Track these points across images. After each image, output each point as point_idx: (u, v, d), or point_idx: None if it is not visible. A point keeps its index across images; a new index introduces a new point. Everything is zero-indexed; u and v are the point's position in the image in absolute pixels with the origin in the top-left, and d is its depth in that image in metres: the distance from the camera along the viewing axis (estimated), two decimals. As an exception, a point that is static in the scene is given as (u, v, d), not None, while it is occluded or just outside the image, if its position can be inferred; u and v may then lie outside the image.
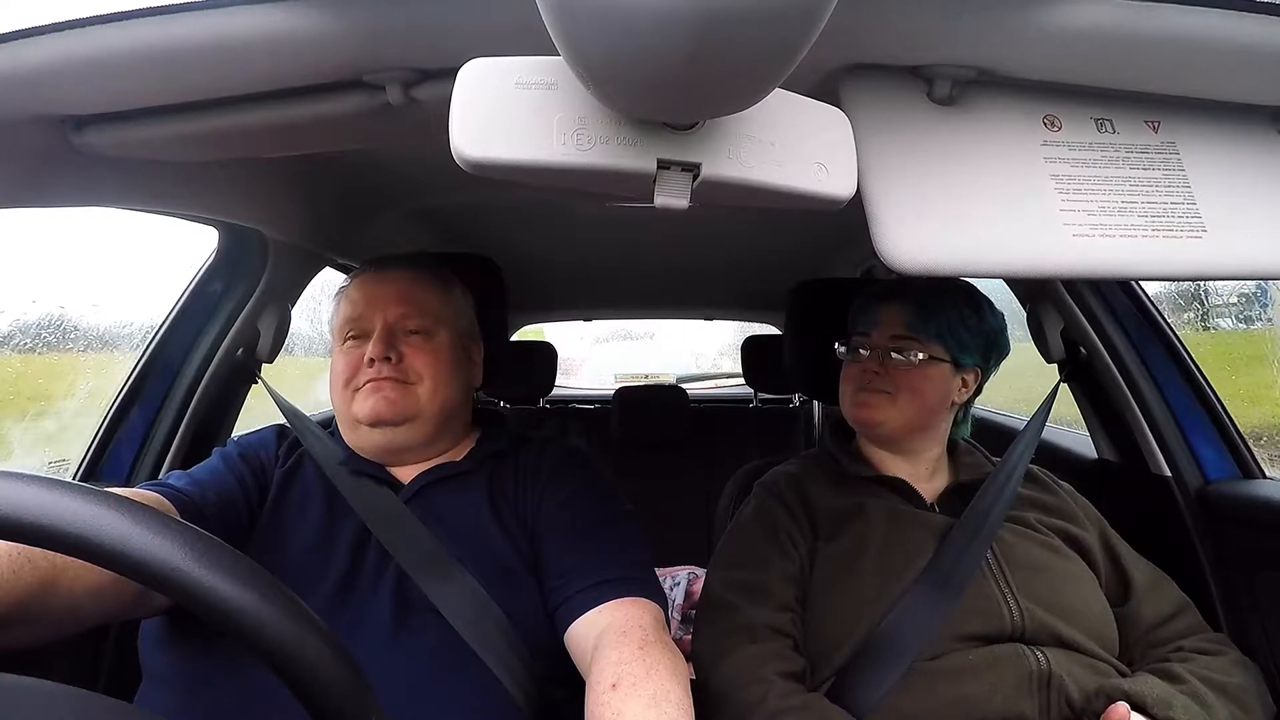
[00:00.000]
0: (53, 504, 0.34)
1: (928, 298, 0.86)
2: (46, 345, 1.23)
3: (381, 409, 0.76)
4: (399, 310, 0.79)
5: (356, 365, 0.78)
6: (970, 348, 0.87)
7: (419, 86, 0.56)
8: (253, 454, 0.79)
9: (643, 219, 1.37)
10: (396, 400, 0.76)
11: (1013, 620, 0.74)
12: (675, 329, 3.55)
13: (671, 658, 0.62)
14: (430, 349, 0.80)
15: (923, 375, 0.85)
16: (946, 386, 0.87)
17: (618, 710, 0.55)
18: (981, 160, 0.56)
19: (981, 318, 0.88)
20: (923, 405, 0.85)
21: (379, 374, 0.76)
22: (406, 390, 0.77)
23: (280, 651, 0.36)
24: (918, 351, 0.85)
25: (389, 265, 0.84)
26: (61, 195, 0.68)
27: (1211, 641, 0.77)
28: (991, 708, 0.68)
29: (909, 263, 0.52)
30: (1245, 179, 0.59)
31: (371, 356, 0.76)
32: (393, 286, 0.81)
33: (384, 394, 0.76)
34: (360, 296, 0.80)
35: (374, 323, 0.78)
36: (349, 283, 0.84)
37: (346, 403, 0.78)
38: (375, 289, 0.81)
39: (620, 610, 0.68)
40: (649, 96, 0.36)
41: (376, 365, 0.76)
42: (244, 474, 0.76)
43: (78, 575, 0.55)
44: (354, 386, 0.78)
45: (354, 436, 0.80)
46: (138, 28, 0.48)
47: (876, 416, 0.86)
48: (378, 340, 0.77)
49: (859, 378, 0.88)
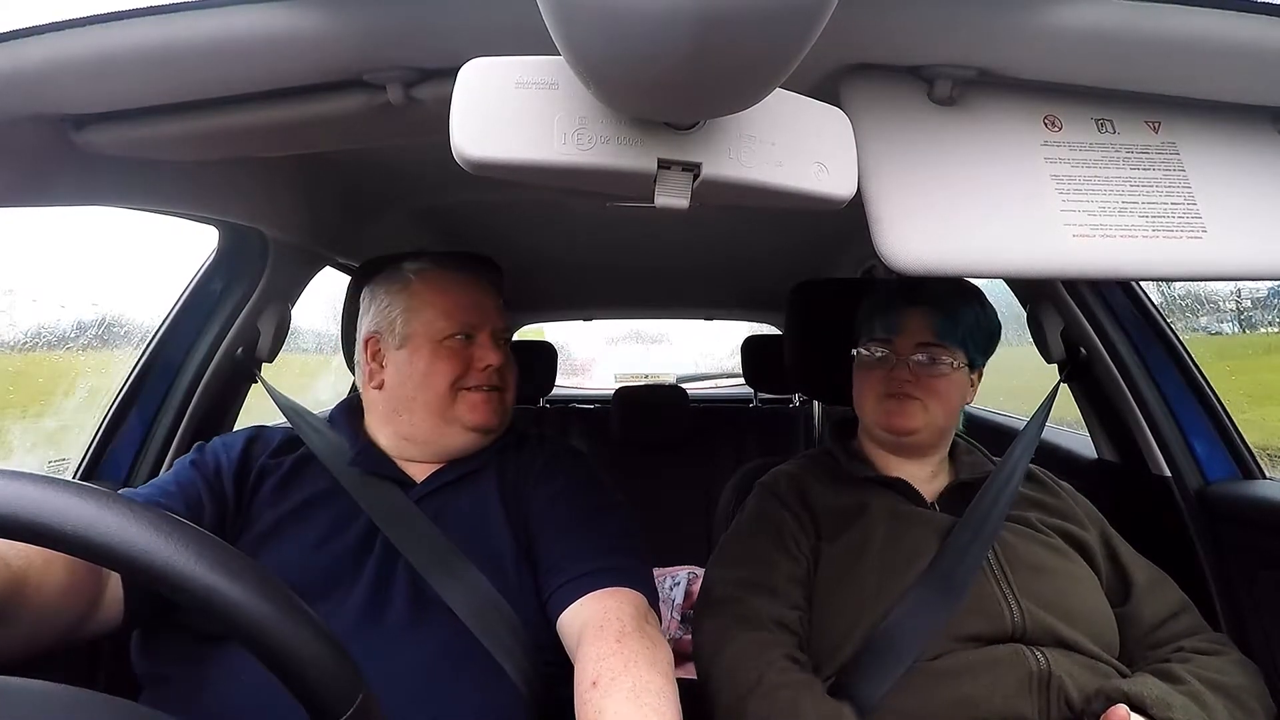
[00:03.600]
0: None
1: (949, 303, 0.85)
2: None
3: (492, 419, 0.82)
4: (502, 319, 0.85)
5: (466, 365, 0.81)
6: (984, 349, 0.87)
7: (419, 86, 0.56)
8: (210, 459, 0.76)
9: (643, 219, 1.37)
10: (500, 410, 0.83)
11: (1013, 621, 0.74)
12: (686, 332, 3.55)
13: (650, 647, 0.62)
14: (509, 355, 0.86)
15: (951, 381, 0.85)
16: (965, 389, 0.87)
17: (599, 708, 0.56)
18: (982, 160, 0.56)
19: (989, 316, 0.88)
20: (951, 410, 0.86)
21: (490, 381, 0.82)
22: (503, 398, 0.84)
23: (248, 627, 0.36)
24: (949, 359, 0.84)
25: (472, 267, 0.87)
26: (62, 195, 0.68)
27: (1211, 641, 0.77)
28: (991, 708, 0.68)
29: (909, 263, 0.52)
30: (1245, 179, 0.59)
31: (490, 364, 0.81)
32: (489, 293, 0.85)
33: (493, 405, 0.82)
34: (469, 300, 0.83)
35: (482, 327, 0.82)
36: (431, 278, 0.83)
37: (447, 403, 0.80)
38: (477, 294, 0.84)
39: (600, 602, 0.68)
40: (649, 96, 0.36)
41: (490, 371, 0.81)
42: (194, 481, 0.73)
43: (43, 575, 0.55)
44: (463, 386, 0.81)
45: (428, 431, 0.80)
46: (138, 27, 0.48)
47: (911, 424, 0.84)
48: (493, 348, 0.82)
49: (885, 384, 0.85)
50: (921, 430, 0.85)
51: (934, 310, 0.85)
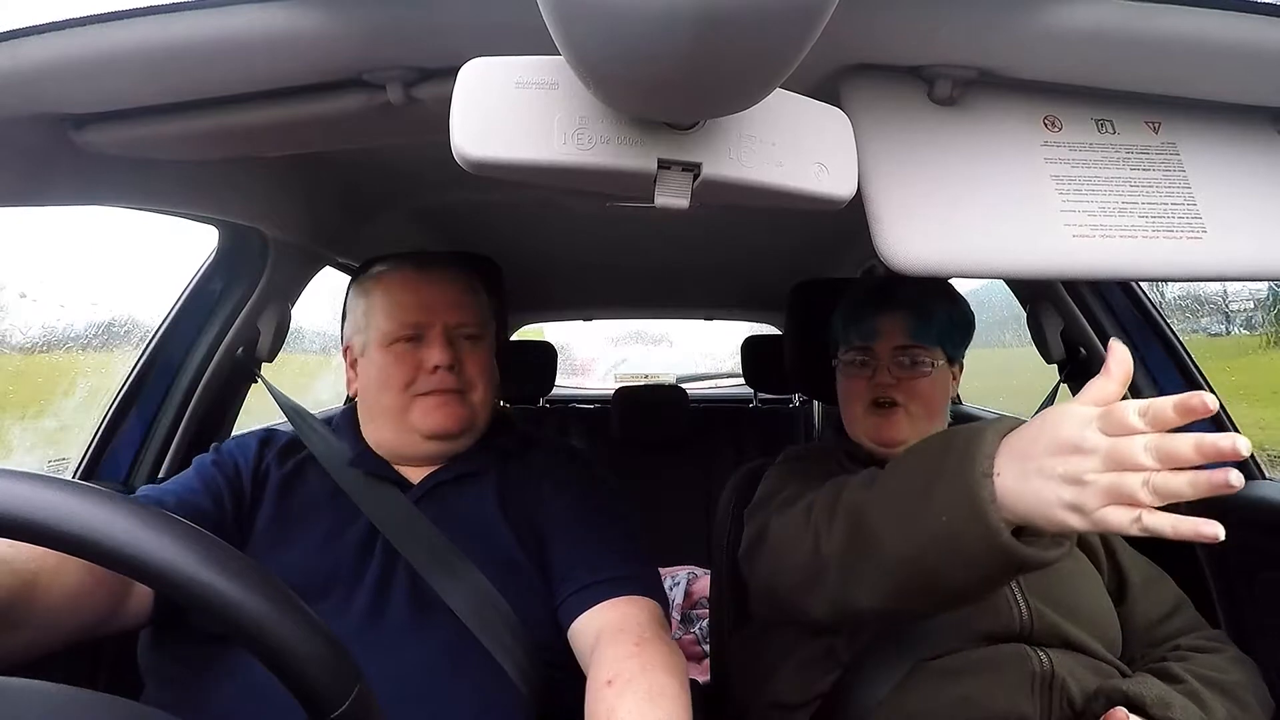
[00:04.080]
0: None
1: (923, 304, 0.86)
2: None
3: (450, 424, 0.76)
4: (456, 315, 0.78)
5: (415, 370, 0.76)
6: (960, 343, 0.87)
7: (419, 86, 0.56)
8: (229, 460, 0.78)
9: (643, 219, 1.37)
10: (461, 414, 0.77)
11: (1021, 620, 0.74)
12: (690, 333, 3.55)
13: (668, 654, 0.62)
14: (479, 354, 0.80)
15: (933, 382, 0.85)
16: (948, 385, 0.87)
17: (613, 706, 0.56)
18: (982, 160, 0.56)
19: (962, 309, 0.88)
20: (935, 411, 0.86)
21: (443, 384, 0.76)
22: (465, 400, 0.78)
23: (241, 622, 0.36)
24: (928, 360, 0.84)
25: (429, 265, 0.82)
26: (62, 194, 0.68)
27: (1208, 639, 0.77)
28: (993, 707, 0.68)
29: (909, 263, 0.52)
30: (1245, 180, 0.59)
31: (437, 364, 0.75)
32: (446, 288, 0.79)
33: (450, 409, 0.76)
34: (414, 299, 0.78)
35: (432, 327, 0.77)
36: (382, 280, 0.81)
37: (402, 408, 0.77)
38: (429, 291, 0.79)
39: (618, 609, 0.68)
40: (650, 96, 0.36)
41: (440, 373, 0.76)
42: (217, 480, 0.74)
43: (53, 580, 0.55)
44: (414, 392, 0.77)
45: (393, 438, 0.79)
46: (138, 26, 0.48)
47: (899, 436, 0.84)
48: (441, 347, 0.76)
49: (869, 391, 0.85)
50: (909, 440, 0.85)
51: (908, 312, 0.85)
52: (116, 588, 0.61)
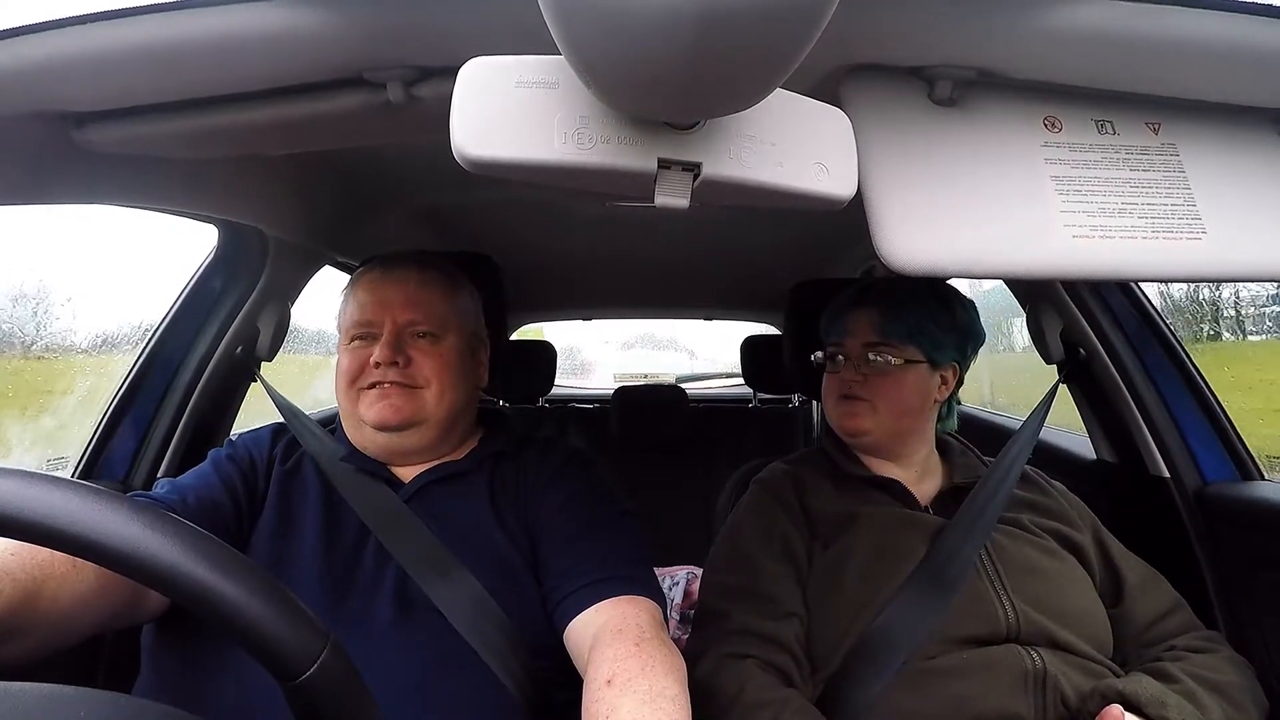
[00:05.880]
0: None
1: (895, 300, 0.86)
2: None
3: (388, 415, 0.76)
4: (408, 314, 0.79)
5: (363, 366, 0.77)
6: (944, 344, 0.87)
7: (420, 85, 0.56)
8: (244, 454, 0.79)
9: (643, 218, 1.37)
10: (403, 406, 0.76)
11: (1008, 622, 0.74)
12: (696, 335, 3.55)
13: (668, 654, 0.62)
14: (438, 353, 0.79)
15: (900, 379, 0.85)
16: (926, 387, 0.87)
17: (613, 706, 0.55)
18: (982, 161, 0.56)
19: (952, 313, 0.88)
20: (904, 409, 0.86)
21: (385, 378, 0.76)
22: (413, 395, 0.77)
23: (189, 588, 0.35)
24: (892, 356, 0.85)
25: (396, 265, 0.83)
26: (62, 193, 0.68)
27: (1204, 639, 0.77)
28: (987, 706, 0.69)
29: (909, 263, 0.52)
30: (1245, 181, 0.59)
31: (378, 360, 0.76)
32: (402, 288, 0.80)
33: (390, 400, 0.76)
34: (369, 298, 0.79)
35: (383, 325, 0.78)
36: (356, 280, 0.83)
37: (353, 402, 0.78)
38: (384, 290, 0.80)
39: (617, 608, 0.68)
40: (650, 96, 0.36)
41: (383, 369, 0.76)
42: (231, 475, 0.76)
43: (61, 585, 0.55)
44: (360, 386, 0.78)
45: (358, 435, 0.80)
46: (139, 25, 0.48)
47: (862, 425, 0.86)
48: (385, 344, 0.76)
49: (839, 387, 0.88)
50: (872, 431, 0.86)
51: (878, 310, 0.86)
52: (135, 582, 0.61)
